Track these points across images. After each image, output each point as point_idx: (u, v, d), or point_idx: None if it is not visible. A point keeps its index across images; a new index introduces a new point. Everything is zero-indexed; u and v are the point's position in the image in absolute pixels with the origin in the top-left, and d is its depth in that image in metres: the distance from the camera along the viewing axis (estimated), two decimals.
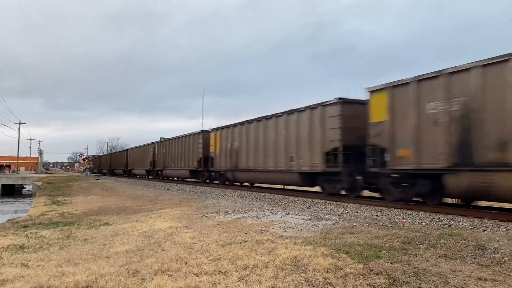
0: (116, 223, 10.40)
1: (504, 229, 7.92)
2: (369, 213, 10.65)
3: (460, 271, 4.80)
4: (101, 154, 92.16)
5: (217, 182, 25.04)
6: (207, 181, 26.52)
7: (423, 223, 8.96)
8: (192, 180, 29.69)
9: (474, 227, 8.22)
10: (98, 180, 41.28)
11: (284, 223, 8.71)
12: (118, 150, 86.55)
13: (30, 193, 39.67)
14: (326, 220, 9.04)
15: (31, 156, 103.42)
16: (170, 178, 35.00)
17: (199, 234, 7.82)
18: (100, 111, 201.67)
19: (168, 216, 10.82)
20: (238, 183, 23.61)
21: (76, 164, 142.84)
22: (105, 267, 5.65)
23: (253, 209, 11.38)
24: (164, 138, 35.35)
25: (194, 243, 6.95)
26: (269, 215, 9.99)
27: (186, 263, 5.63)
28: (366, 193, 14.51)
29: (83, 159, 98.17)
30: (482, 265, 5.08)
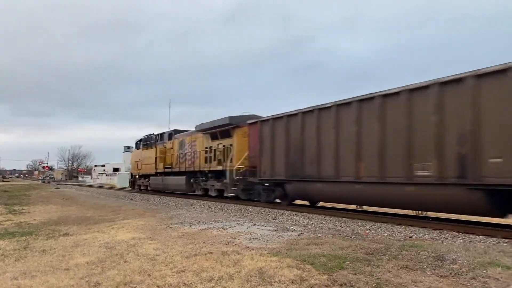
0: (77, 234, 10.05)
1: (461, 240, 8.20)
2: (333, 224, 10.78)
3: (420, 281, 4.93)
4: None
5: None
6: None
7: (385, 234, 9.16)
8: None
9: (433, 239, 8.47)
10: (58, 189, 39.90)
11: (250, 234, 8.69)
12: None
13: None
14: (292, 231, 9.09)
15: None
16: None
17: (163, 245, 7.68)
18: (67, 119, 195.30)
19: (131, 227, 10.57)
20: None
21: (36, 172, 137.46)
22: (64, 280, 5.45)
23: (219, 220, 11.29)
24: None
25: (158, 255, 6.81)
26: (235, 226, 9.94)
27: (149, 275, 5.51)
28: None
29: (43, 167, 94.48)
30: (441, 276, 5.24)
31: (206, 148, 21.37)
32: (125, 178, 55.77)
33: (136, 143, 32.35)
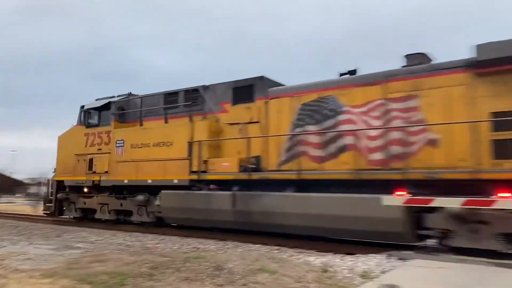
0: None
1: (241, 249, 8.97)
2: (123, 240, 10.45)
3: None
4: None
5: None
6: None
7: (175, 246, 9.34)
8: None
9: (218, 249, 9.02)
10: None
11: (24, 254, 7.71)
12: None
13: None
14: (75, 249, 8.44)
15: None
16: None
17: None
18: None
19: None
20: None
21: None
22: None
23: None
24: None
25: None
26: (6, 246, 8.69)
27: None
28: None
29: None
30: (218, 285, 5.59)
31: None
32: None
33: (83, 113, 14.66)
